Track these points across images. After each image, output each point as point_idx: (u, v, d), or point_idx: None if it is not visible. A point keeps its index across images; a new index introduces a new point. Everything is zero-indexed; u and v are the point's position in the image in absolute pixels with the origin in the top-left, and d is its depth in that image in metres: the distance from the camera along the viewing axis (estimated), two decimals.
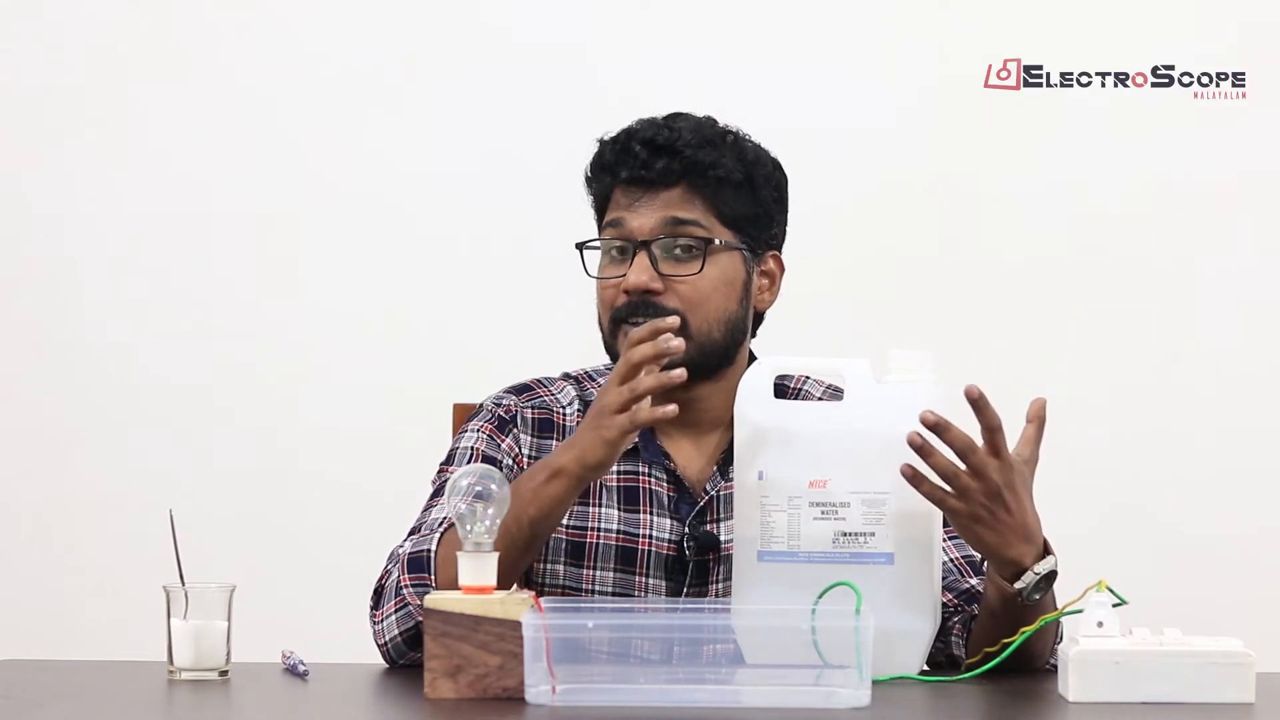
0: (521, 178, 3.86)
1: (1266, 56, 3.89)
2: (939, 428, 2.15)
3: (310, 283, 3.90)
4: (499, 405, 2.51)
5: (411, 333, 3.89)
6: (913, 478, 2.15)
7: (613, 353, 2.46)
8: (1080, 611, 2.08)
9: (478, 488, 2.06)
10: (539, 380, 2.55)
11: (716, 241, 2.43)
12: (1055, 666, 2.21)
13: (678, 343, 2.22)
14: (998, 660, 2.19)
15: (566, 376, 2.56)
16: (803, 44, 3.89)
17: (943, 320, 3.85)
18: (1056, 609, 2.25)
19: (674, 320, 2.24)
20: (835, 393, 2.46)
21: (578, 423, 2.49)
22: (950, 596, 2.36)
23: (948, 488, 2.16)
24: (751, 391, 2.25)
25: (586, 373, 2.56)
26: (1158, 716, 1.98)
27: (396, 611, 2.30)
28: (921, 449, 2.15)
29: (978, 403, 2.16)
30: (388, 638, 2.32)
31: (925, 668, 2.25)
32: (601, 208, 2.50)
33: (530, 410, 2.51)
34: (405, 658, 2.31)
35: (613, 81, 3.81)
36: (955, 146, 3.89)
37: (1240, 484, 3.85)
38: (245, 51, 3.91)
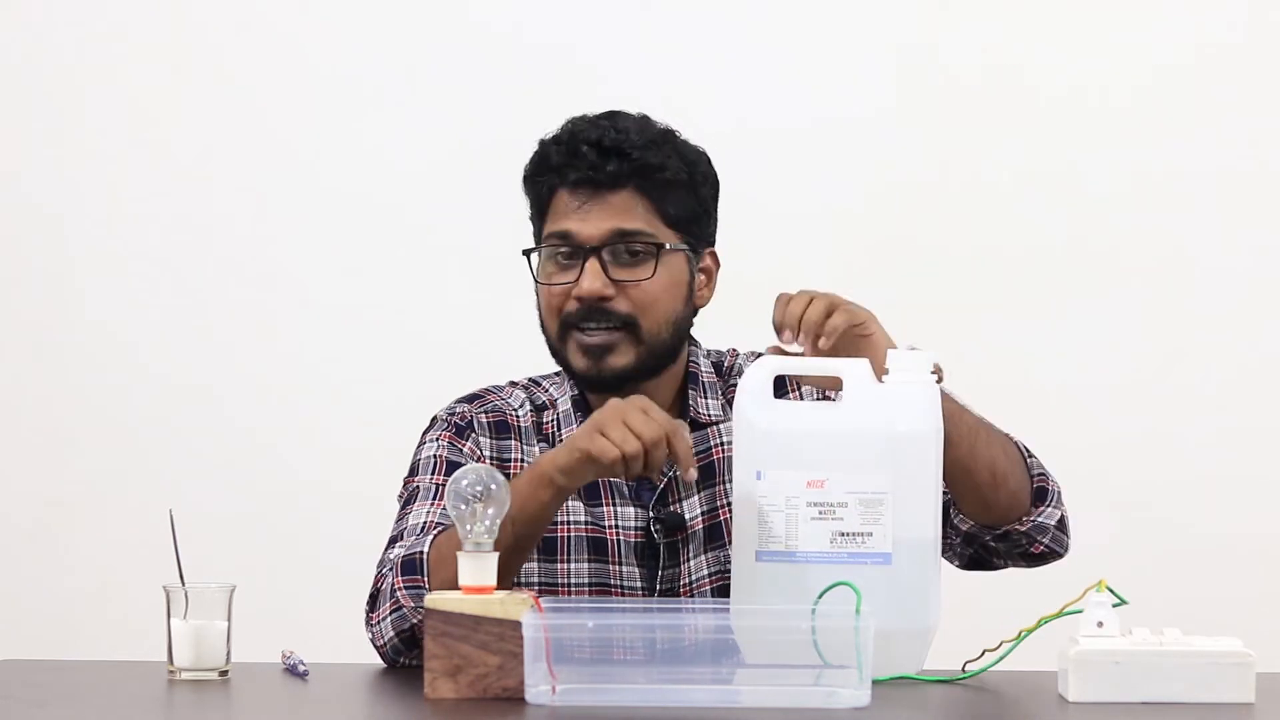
0: (519, 178, 3.85)
1: (1266, 57, 3.88)
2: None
3: (310, 283, 3.90)
4: (453, 414, 2.53)
5: (410, 334, 3.89)
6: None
7: (560, 357, 2.47)
8: (1080, 611, 2.09)
9: (478, 487, 2.07)
10: (486, 388, 2.56)
11: (666, 246, 2.44)
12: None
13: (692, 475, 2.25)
14: (997, 660, 2.19)
15: (513, 384, 2.57)
16: (800, 43, 3.89)
17: (943, 320, 3.84)
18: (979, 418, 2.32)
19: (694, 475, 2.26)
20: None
21: (532, 423, 2.52)
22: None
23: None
24: (751, 392, 2.25)
25: (532, 379, 2.58)
26: (1158, 716, 1.99)
27: (391, 614, 2.32)
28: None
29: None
30: (385, 639, 2.34)
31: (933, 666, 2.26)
32: (541, 210, 2.49)
33: (484, 415, 2.52)
34: (404, 657, 2.34)
35: (609, 82, 3.80)
36: (954, 146, 3.89)
37: (1240, 484, 3.85)
38: (244, 52, 3.91)
